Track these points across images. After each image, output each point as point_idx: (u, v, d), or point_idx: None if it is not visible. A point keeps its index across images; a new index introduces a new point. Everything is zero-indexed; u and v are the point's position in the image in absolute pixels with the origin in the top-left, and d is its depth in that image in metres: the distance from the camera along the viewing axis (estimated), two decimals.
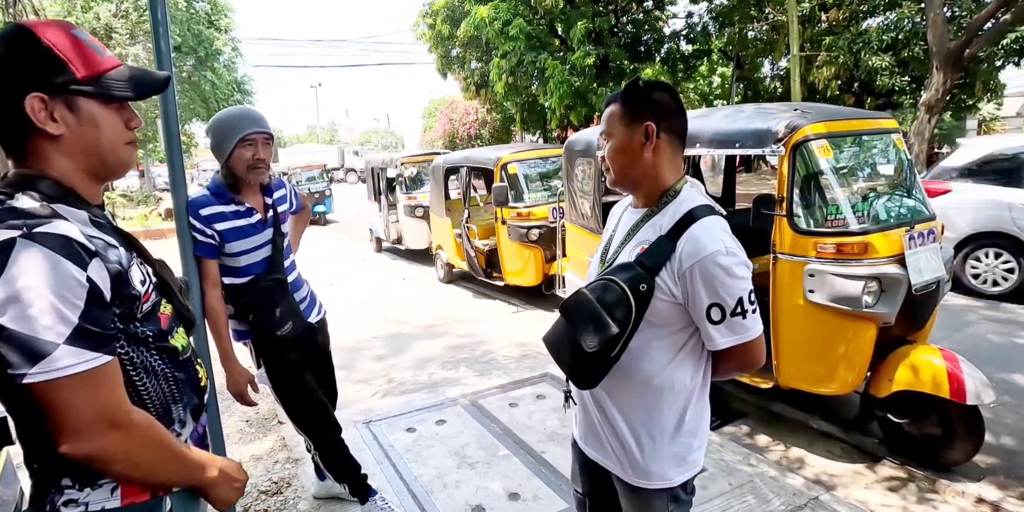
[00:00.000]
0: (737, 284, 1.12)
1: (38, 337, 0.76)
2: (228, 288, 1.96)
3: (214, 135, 1.89)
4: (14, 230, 0.78)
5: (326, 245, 10.50)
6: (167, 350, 0.99)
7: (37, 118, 0.86)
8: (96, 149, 0.93)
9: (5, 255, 0.76)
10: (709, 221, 1.15)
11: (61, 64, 0.88)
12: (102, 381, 0.82)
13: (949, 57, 10.39)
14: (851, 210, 2.72)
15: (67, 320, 0.78)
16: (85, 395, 0.80)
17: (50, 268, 0.77)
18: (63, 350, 0.77)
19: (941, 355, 2.64)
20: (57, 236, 0.80)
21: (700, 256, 1.11)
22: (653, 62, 17.15)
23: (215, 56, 19.33)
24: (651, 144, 1.19)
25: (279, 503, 2.51)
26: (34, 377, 0.76)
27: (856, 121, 2.99)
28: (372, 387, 3.81)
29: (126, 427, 0.84)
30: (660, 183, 1.23)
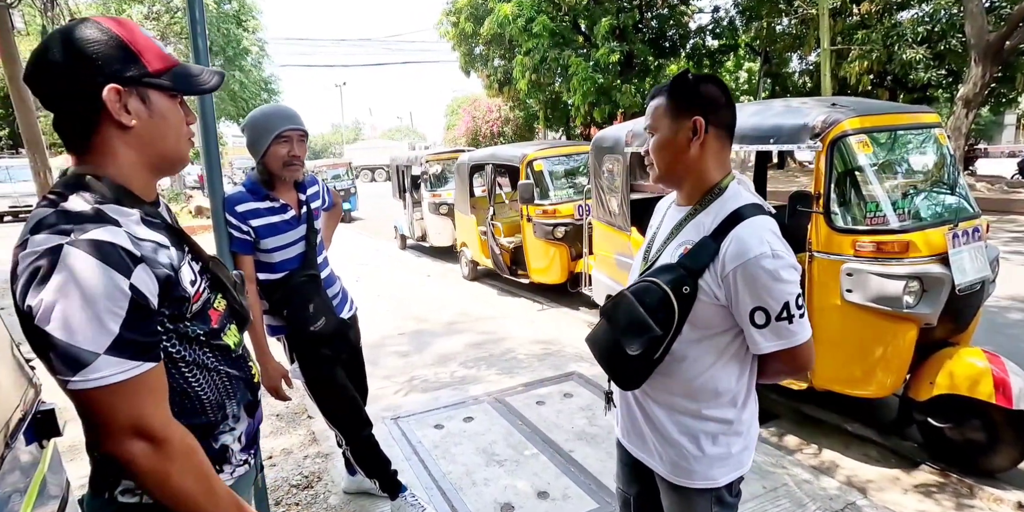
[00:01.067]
0: (783, 288, 1.08)
1: (80, 347, 0.77)
2: (263, 283, 1.99)
3: (250, 132, 1.91)
4: (62, 236, 0.79)
5: (352, 242, 10.61)
6: (219, 348, 1.00)
7: (114, 109, 0.87)
8: (162, 142, 0.95)
9: (52, 262, 0.77)
10: (756, 221, 1.11)
11: (135, 56, 0.89)
12: (140, 390, 0.82)
13: (988, 49, 10.06)
14: (891, 207, 2.64)
15: (107, 330, 0.78)
16: (121, 403, 0.80)
17: (93, 277, 0.78)
18: (103, 360, 0.78)
19: (985, 357, 2.55)
20: (103, 243, 0.80)
21: (744, 259, 1.07)
22: (678, 58, 16.96)
23: (243, 56, 19.69)
24: (699, 139, 1.15)
25: (310, 497, 2.54)
26: (75, 385, 0.78)
27: (896, 116, 2.90)
28: (398, 383, 3.83)
29: (160, 441, 0.83)
30: (706, 180, 1.19)
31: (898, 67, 13.50)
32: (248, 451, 1.10)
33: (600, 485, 2.47)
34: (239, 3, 20.13)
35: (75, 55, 0.86)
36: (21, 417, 1.09)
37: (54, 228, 0.80)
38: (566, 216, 5.46)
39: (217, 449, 1.02)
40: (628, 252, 4.02)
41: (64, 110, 0.89)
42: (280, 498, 2.53)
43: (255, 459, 1.18)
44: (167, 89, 0.93)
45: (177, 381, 0.93)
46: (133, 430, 0.81)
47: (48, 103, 0.89)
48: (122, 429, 0.81)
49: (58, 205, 0.84)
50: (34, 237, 0.80)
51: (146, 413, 0.82)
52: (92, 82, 0.86)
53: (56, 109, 0.89)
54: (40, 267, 0.77)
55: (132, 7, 17.21)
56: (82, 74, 0.86)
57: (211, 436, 1.01)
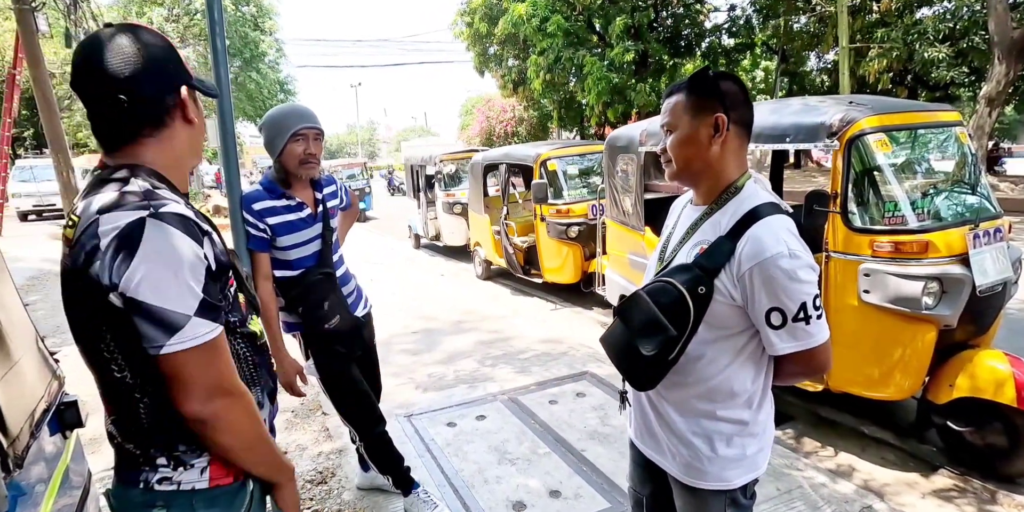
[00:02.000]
0: (800, 288, 1.06)
1: (175, 310, 0.83)
2: (279, 281, 2.01)
3: (267, 131, 1.94)
4: (142, 210, 0.84)
5: (366, 241, 10.69)
6: (247, 335, 1.05)
7: (190, 106, 0.97)
8: (201, 136, 1.04)
9: (138, 234, 0.82)
10: (773, 220, 1.10)
11: (183, 64, 0.98)
12: (220, 349, 0.89)
13: (1012, 47, 9.85)
14: (910, 207, 2.60)
15: (195, 293, 0.84)
16: (207, 362, 0.87)
17: (178, 245, 0.84)
18: (194, 322, 0.84)
19: (1007, 360, 2.51)
20: (178, 215, 0.86)
21: (760, 258, 1.06)
22: (694, 57, 16.84)
23: (260, 57, 19.93)
24: (720, 136, 1.13)
25: (324, 493, 2.57)
26: (171, 347, 0.83)
27: (915, 114, 2.85)
28: (412, 381, 3.85)
29: (237, 394, 0.91)
30: (724, 178, 1.18)
31: (919, 65, 13.28)
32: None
33: (612, 485, 2.47)
34: (256, 5, 20.37)
35: (153, 58, 0.93)
36: (46, 408, 1.12)
37: (130, 205, 0.85)
38: (580, 216, 5.46)
39: None
40: (642, 252, 4.00)
41: (142, 105, 0.93)
42: None
43: None
44: (202, 91, 1.02)
45: None
46: (216, 387, 0.88)
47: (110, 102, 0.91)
48: (208, 387, 0.87)
49: (119, 188, 0.89)
50: (107, 215, 0.84)
51: (225, 371, 0.89)
52: (171, 83, 0.95)
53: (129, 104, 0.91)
54: (127, 239, 0.82)
55: (152, 10, 17.51)
56: (166, 76, 0.94)
57: None
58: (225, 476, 0.96)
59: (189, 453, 0.93)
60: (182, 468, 0.93)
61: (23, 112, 16.95)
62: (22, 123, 19.09)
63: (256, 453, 0.96)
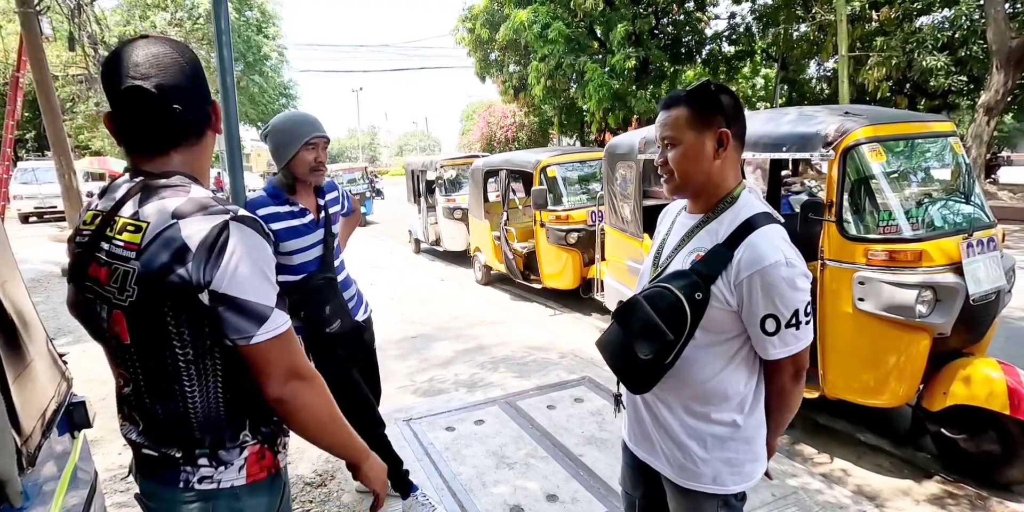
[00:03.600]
0: (796, 296, 1.11)
1: (262, 303, 0.91)
2: (282, 285, 2.03)
3: (275, 139, 1.97)
4: (223, 214, 0.91)
5: (366, 246, 10.72)
6: None
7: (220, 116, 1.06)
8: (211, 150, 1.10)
9: (226, 236, 0.89)
10: (768, 230, 1.14)
11: None
12: (293, 337, 0.97)
13: (1011, 56, 9.93)
14: (904, 216, 2.64)
15: (274, 286, 0.93)
16: (285, 349, 0.94)
17: (259, 245, 0.93)
18: (276, 313, 0.93)
19: (1000, 368, 2.53)
20: (252, 219, 0.95)
21: (759, 266, 1.10)
22: (694, 64, 16.92)
23: (262, 61, 20.02)
24: (724, 150, 1.17)
25: (323, 495, 2.59)
26: (261, 337, 0.91)
27: (909, 124, 2.89)
28: (411, 385, 3.88)
29: (311, 377, 0.98)
30: (722, 189, 1.21)
31: (918, 74, 13.33)
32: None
33: (609, 489, 2.49)
34: (260, 10, 20.50)
35: (198, 73, 1.00)
36: (56, 408, 1.15)
37: (209, 209, 0.91)
38: (579, 222, 5.49)
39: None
40: (640, 258, 4.04)
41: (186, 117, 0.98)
42: (295, 495, 2.59)
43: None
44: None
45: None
46: (293, 371, 0.95)
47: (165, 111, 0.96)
48: (287, 372, 0.94)
49: (187, 195, 0.94)
50: (187, 220, 0.89)
51: (299, 356, 0.97)
52: (209, 95, 1.03)
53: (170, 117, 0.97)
54: (215, 241, 0.89)
55: (156, 14, 17.62)
56: (206, 88, 1.02)
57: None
58: (260, 472, 1.03)
59: (231, 450, 0.99)
60: (223, 467, 0.99)
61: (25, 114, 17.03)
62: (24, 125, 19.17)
63: (330, 432, 1.03)
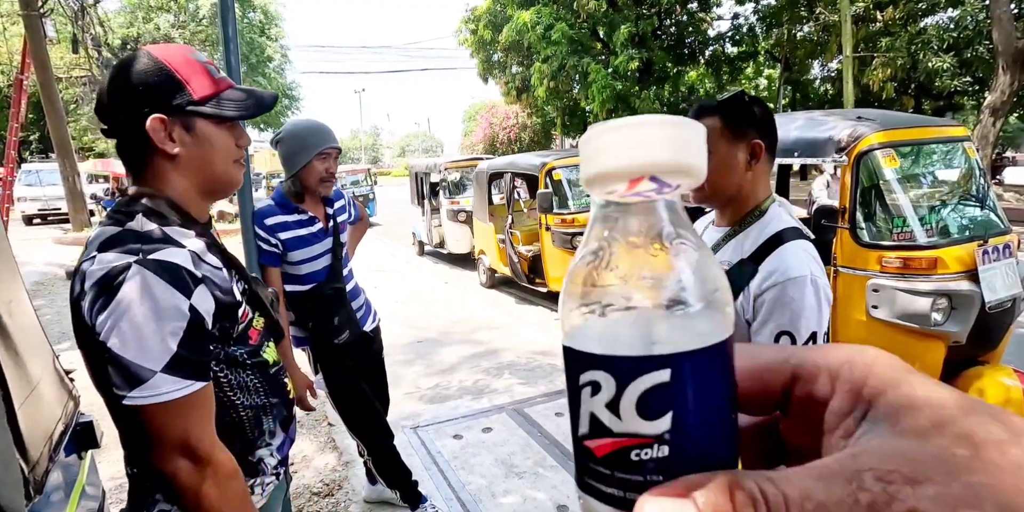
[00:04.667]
0: (814, 317, 1.06)
1: (140, 364, 0.80)
2: (290, 295, 2.02)
3: (287, 147, 1.94)
4: (131, 255, 0.83)
5: (370, 248, 10.70)
6: (259, 364, 1.03)
7: (157, 138, 0.91)
8: (209, 168, 0.97)
9: (120, 280, 0.81)
10: (796, 245, 1.10)
11: (180, 85, 0.92)
12: (192, 409, 0.85)
13: (1017, 57, 9.87)
14: (919, 223, 2.61)
15: (167, 348, 0.82)
16: (172, 420, 0.83)
17: (158, 296, 0.81)
18: (159, 377, 0.81)
19: (1016, 376, 2.50)
20: (168, 264, 0.84)
21: (782, 280, 1.06)
22: (697, 65, 16.90)
23: (265, 63, 20.04)
24: (756, 162, 1.14)
25: (331, 505, 2.56)
26: (131, 400, 0.81)
27: (923, 129, 2.86)
28: (417, 391, 3.85)
29: (204, 461, 0.85)
30: (751, 201, 1.18)
31: (923, 75, 13.29)
32: (281, 465, 1.12)
33: None
34: (263, 12, 20.52)
35: (123, 87, 0.90)
36: (63, 430, 1.13)
37: (124, 247, 0.84)
38: (585, 225, 5.45)
39: (253, 462, 1.05)
40: None
41: (121, 137, 0.94)
42: (302, 505, 2.56)
43: (285, 473, 1.20)
44: (209, 117, 0.95)
45: (221, 402, 0.95)
46: (181, 448, 0.84)
47: (107, 132, 0.94)
48: (170, 446, 0.83)
49: (124, 224, 0.88)
50: (103, 255, 0.83)
51: (194, 431, 0.85)
52: (139, 113, 0.90)
53: (116, 137, 0.94)
54: (109, 283, 0.81)
55: (160, 16, 17.64)
56: (130, 105, 0.91)
57: (249, 451, 1.04)
58: None
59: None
60: (175, 505, 0.92)
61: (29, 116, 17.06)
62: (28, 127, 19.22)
63: None
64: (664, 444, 0.22)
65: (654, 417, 0.22)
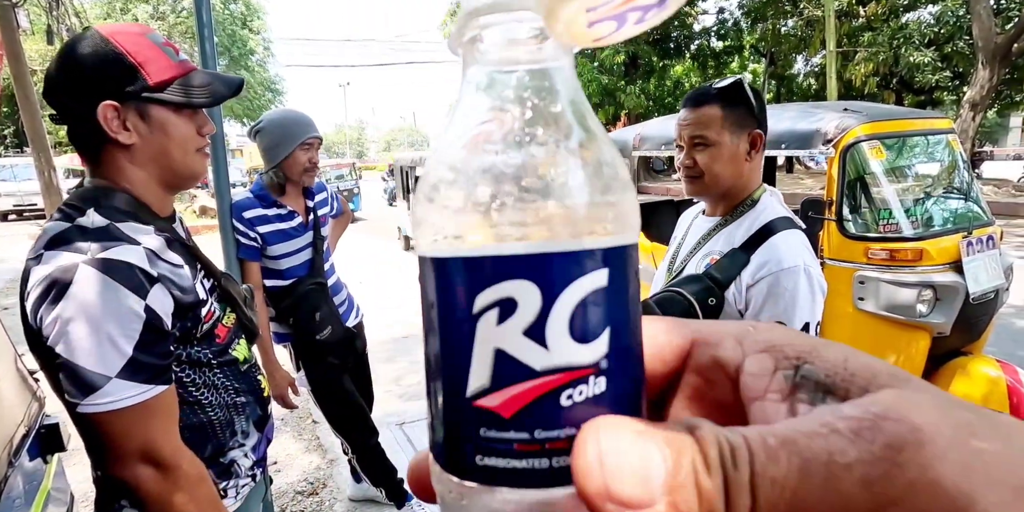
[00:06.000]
0: (807, 307, 1.04)
1: (91, 370, 0.75)
2: (270, 290, 1.96)
3: (268, 138, 1.89)
4: (79, 254, 0.77)
5: (354, 243, 10.59)
6: (227, 363, 0.98)
7: (109, 127, 0.85)
8: (166, 158, 0.91)
9: (67, 281, 0.75)
10: (789, 235, 1.08)
11: (133, 70, 0.86)
12: (152, 414, 0.80)
13: (996, 52, 10.00)
14: (904, 214, 2.61)
15: (120, 353, 0.77)
16: (131, 428, 0.78)
17: (108, 298, 0.76)
18: (114, 384, 0.76)
19: (999, 367, 2.52)
20: (119, 263, 0.78)
21: (775, 270, 1.04)
22: (683, 59, 16.93)
23: (248, 56, 19.72)
24: (756, 152, 1.12)
25: (315, 504, 2.52)
26: (84, 408, 0.76)
27: (908, 121, 2.86)
28: (403, 388, 3.81)
29: (168, 468, 0.81)
30: (745, 191, 1.16)
31: (904, 69, 13.44)
32: (257, 466, 1.08)
33: None
34: (244, 4, 20.18)
35: (71, 72, 0.84)
36: (25, 433, 1.07)
37: (70, 245, 0.78)
38: None
39: (225, 463, 1.00)
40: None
41: (71, 125, 0.88)
42: (285, 505, 2.51)
43: (263, 474, 1.15)
44: (167, 103, 0.89)
45: (187, 402, 0.91)
46: (142, 455, 0.79)
47: (57, 119, 0.88)
48: (131, 454, 0.78)
49: (74, 219, 0.82)
50: (50, 252, 0.78)
51: (156, 438, 0.80)
52: (88, 100, 0.84)
53: (66, 124, 0.88)
54: (54, 285, 0.75)
55: (137, 7, 17.26)
56: (78, 91, 0.84)
57: (220, 453, 0.99)
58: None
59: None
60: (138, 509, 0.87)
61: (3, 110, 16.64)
62: (2, 121, 18.73)
63: None
64: (601, 375, 0.17)
65: (591, 338, 0.17)
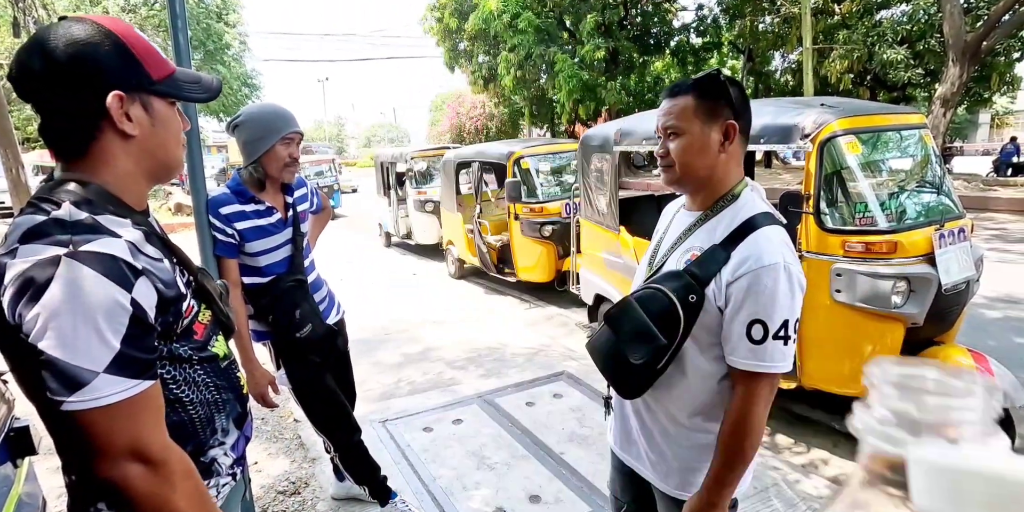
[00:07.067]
0: (787, 304, 1.03)
1: (78, 365, 0.73)
2: (249, 288, 1.93)
3: (248, 132, 1.84)
4: (60, 247, 0.74)
5: (335, 240, 10.48)
6: (207, 359, 0.97)
7: (117, 117, 0.84)
8: (163, 151, 0.92)
9: (49, 274, 0.72)
10: (769, 231, 1.08)
11: (137, 62, 0.86)
12: (140, 410, 0.78)
13: (966, 49, 10.23)
14: (879, 208, 2.66)
15: (109, 347, 0.75)
16: (119, 424, 0.76)
17: (94, 291, 0.74)
18: (102, 379, 0.74)
19: (970, 356, 2.58)
20: (104, 255, 0.76)
21: (756, 267, 1.04)
22: (663, 55, 17.04)
23: (223, 50, 19.33)
24: (730, 144, 1.11)
25: (297, 503, 2.49)
26: (72, 405, 0.73)
27: (883, 116, 2.91)
28: (385, 385, 3.78)
29: (158, 464, 0.79)
30: (723, 185, 1.15)
31: (878, 66, 13.69)
32: (237, 465, 1.06)
33: (593, 488, 2.46)
34: None
35: (77, 59, 0.81)
36: None
37: (50, 238, 0.75)
38: (554, 214, 5.44)
39: (205, 462, 0.99)
40: (616, 251, 4.01)
41: (60, 116, 0.84)
42: (266, 505, 2.48)
43: (243, 473, 1.14)
44: (170, 96, 0.91)
45: (168, 400, 0.89)
46: (130, 452, 0.77)
47: (40, 107, 0.85)
48: (119, 451, 0.76)
49: (49, 213, 0.79)
50: (26, 246, 0.75)
51: (144, 434, 0.78)
52: (95, 88, 0.83)
53: (49, 114, 0.85)
54: (35, 278, 0.72)
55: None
56: (84, 79, 0.82)
57: (200, 451, 0.98)
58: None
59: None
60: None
61: None
62: None
63: None
64: None
65: None
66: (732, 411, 1.09)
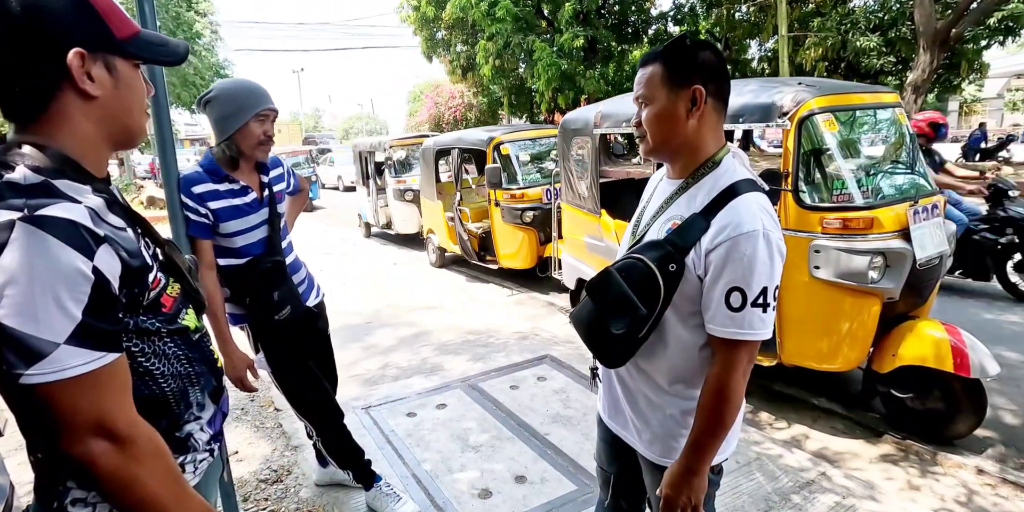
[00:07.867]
0: (766, 272, 1.02)
1: (37, 336, 0.69)
2: (225, 270, 1.88)
3: (221, 107, 1.78)
4: (14, 211, 0.70)
5: (314, 231, 10.34)
6: (177, 331, 0.93)
7: (78, 76, 0.79)
8: (127, 113, 0.87)
9: (2, 240, 0.68)
10: (750, 197, 1.06)
11: (101, 20, 0.81)
12: (104, 384, 0.74)
13: (936, 37, 10.41)
14: (856, 185, 2.69)
15: (70, 316, 0.70)
16: (82, 398, 0.72)
17: (52, 258, 0.69)
18: (63, 350, 0.70)
19: (944, 329, 2.64)
20: (62, 220, 0.72)
21: (735, 234, 1.02)
22: (641, 43, 17.00)
23: (194, 39, 18.82)
24: (698, 110, 1.08)
25: (280, 491, 2.46)
26: (31, 379, 0.69)
27: (859, 95, 2.94)
28: (368, 372, 3.75)
29: (125, 441, 0.76)
30: (701, 153, 1.13)
31: (852, 54, 13.87)
32: (214, 440, 1.03)
33: (578, 467, 2.47)
34: None
35: (35, 11, 0.76)
36: None
37: (3, 202, 0.71)
38: (534, 200, 5.42)
39: (181, 437, 0.95)
40: (598, 235, 4.01)
41: (15, 74, 0.79)
42: (248, 494, 2.44)
43: (221, 450, 1.11)
44: (135, 57, 0.86)
45: (137, 373, 0.85)
46: (95, 428, 0.73)
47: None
48: (83, 427, 0.73)
49: (2, 176, 0.75)
50: None
51: (109, 409, 0.75)
52: (55, 45, 0.77)
53: (2, 72, 0.79)
54: None
55: None
56: (42, 35, 0.77)
57: (176, 426, 0.95)
58: None
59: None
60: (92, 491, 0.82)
61: None
62: None
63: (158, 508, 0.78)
64: None
65: None
66: (711, 378, 1.09)
